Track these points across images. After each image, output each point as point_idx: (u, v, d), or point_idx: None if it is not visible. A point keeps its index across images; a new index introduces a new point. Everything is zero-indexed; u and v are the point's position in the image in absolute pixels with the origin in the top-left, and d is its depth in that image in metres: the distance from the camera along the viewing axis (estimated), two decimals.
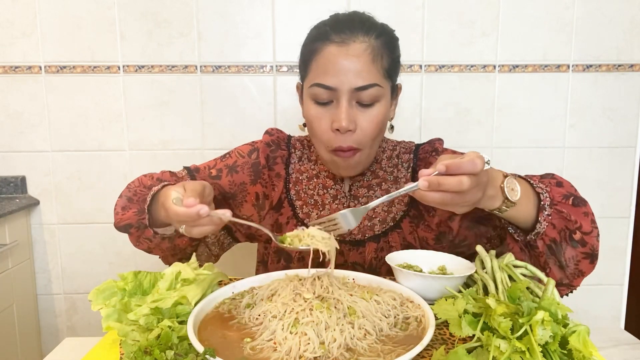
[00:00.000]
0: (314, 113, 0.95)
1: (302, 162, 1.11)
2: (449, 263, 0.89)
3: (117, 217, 0.95)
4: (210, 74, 1.69)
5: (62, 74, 1.67)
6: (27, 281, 1.73)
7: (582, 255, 0.84)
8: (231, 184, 1.06)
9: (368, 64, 0.91)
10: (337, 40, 0.91)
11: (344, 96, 0.91)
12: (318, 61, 0.93)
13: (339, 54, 0.91)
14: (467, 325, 0.62)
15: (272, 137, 1.12)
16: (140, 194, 0.96)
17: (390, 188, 1.07)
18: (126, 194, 0.97)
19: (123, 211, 0.95)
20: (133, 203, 0.95)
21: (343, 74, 0.90)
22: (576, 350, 0.58)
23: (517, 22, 1.67)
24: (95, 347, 0.73)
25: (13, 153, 1.71)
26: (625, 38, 1.68)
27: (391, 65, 0.96)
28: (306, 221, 1.07)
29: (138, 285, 0.77)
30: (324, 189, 1.08)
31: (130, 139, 1.71)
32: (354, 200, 1.07)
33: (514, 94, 1.71)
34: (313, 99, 0.95)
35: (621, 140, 1.74)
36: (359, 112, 0.93)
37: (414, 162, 1.09)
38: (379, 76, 0.92)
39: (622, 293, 1.83)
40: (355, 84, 0.90)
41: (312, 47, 0.96)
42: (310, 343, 0.61)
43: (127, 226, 0.93)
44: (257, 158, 1.08)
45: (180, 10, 1.65)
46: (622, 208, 1.78)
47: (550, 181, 0.88)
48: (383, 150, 1.10)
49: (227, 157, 1.09)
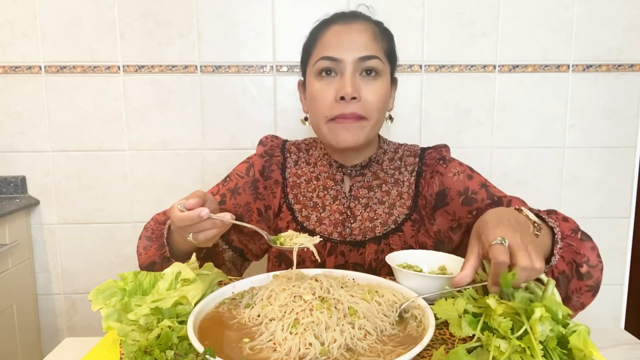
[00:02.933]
0: (318, 86, 0.99)
1: (298, 165, 1.11)
2: (449, 263, 0.89)
3: (141, 258, 0.98)
4: (210, 74, 1.69)
5: (62, 74, 1.67)
6: (27, 281, 1.73)
7: (586, 288, 0.86)
8: (236, 207, 1.07)
9: (370, 39, 0.97)
10: (340, 21, 0.98)
11: (349, 66, 0.95)
12: (322, 40, 0.99)
13: (343, 31, 0.97)
14: (467, 325, 0.62)
15: (265, 147, 1.13)
16: (157, 231, 0.99)
17: (391, 190, 1.06)
18: (144, 234, 1.00)
19: (145, 251, 0.98)
20: (152, 241, 0.98)
21: (347, 45, 0.96)
22: (576, 350, 0.58)
23: (517, 22, 1.67)
24: (95, 347, 0.73)
25: (13, 153, 1.71)
26: (625, 38, 1.68)
27: (390, 51, 1.01)
28: (305, 224, 1.06)
29: (138, 285, 0.77)
30: (324, 190, 1.08)
31: (130, 139, 1.71)
32: (354, 200, 1.06)
33: (514, 94, 1.71)
34: (318, 73, 0.98)
35: (621, 141, 1.74)
36: (363, 83, 0.97)
37: (419, 166, 1.08)
38: (380, 52, 0.98)
39: (622, 293, 1.83)
40: (359, 54, 0.95)
41: (315, 33, 1.01)
42: (310, 345, 0.61)
43: (152, 264, 0.96)
44: (253, 175, 1.10)
45: (180, 10, 1.65)
46: (622, 208, 1.78)
47: (557, 216, 0.90)
48: (385, 152, 1.10)
49: (228, 181, 1.10)
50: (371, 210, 1.05)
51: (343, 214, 1.06)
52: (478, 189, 1.02)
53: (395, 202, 1.05)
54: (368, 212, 1.05)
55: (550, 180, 1.76)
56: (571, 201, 1.77)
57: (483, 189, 1.02)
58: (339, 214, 1.06)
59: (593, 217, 1.78)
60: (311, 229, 1.06)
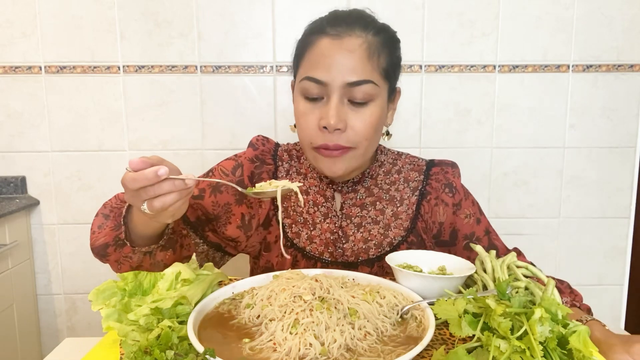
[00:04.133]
0: (302, 109, 0.90)
1: (290, 175, 1.03)
2: (448, 263, 0.88)
3: (93, 237, 0.85)
4: (210, 74, 1.69)
5: (62, 74, 1.67)
6: (27, 281, 1.73)
7: None
8: (214, 205, 0.97)
9: (362, 60, 0.86)
10: (331, 33, 0.87)
11: (335, 92, 0.86)
12: (310, 54, 0.89)
13: (332, 47, 0.86)
14: (467, 325, 0.62)
15: (256, 151, 1.04)
16: (117, 209, 0.85)
17: (386, 208, 0.99)
18: (102, 211, 0.87)
19: (99, 230, 0.85)
20: (109, 220, 0.85)
21: (335, 68, 0.85)
22: (576, 350, 0.58)
23: (517, 22, 1.67)
24: (95, 347, 0.73)
25: (13, 153, 1.71)
26: (625, 38, 1.68)
27: (389, 65, 0.91)
28: (296, 241, 0.99)
29: (138, 285, 0.77)
30: (315, 207, 1.00)
31: (130, 139, 1.71)
32: (346, 219, 0.99)
33: (514, 94, 1.71)
34: (303, 93, 0.90)
35: (621, 141, 1.74)
36: (350, 111, 0.88)
37: (423, 185, 1.00)
38: (374, 74, 0.88)
39: (622, 293, 1.83)
40: (347, 79, 0.85)
41: (305, 41, 0.91)
42: (310, 345, 0.61)
43: (104, 246, 0.83)
44: (241, 176, 1.00)
45: (180, 10, 1.65)
46: (622, 208, 1.78)
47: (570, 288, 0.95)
48: (380, 165, 1.02)
49: (210, 176, 1.00)
50: (365, 230, 0.99)
51: (335, 233, 0.99)
52: (482, 235, 1.00)
53: (390, 222, 0.99)
54: (362, 233, 0.99)
55: (550, 180, 1.76)
56: (571, 201, 1.77)
57: (486, 236, 1.00)
58: (330, 233, 0.99)
59: (593, 217, 1.78)
60: (301, 247, 1.00)
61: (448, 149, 1.73)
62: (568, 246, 1.80)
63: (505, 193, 1.77)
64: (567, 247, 1.80)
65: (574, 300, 0.92)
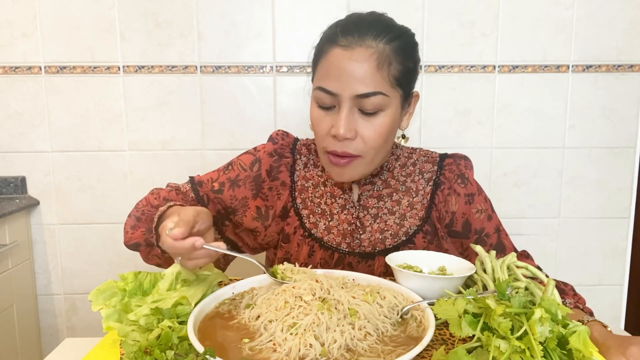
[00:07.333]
0: (316, 115, 0.94)
1: (307, 168, 1.07)
2: (448, 263, 0.89)
3: (127, 236, 0.96)
4: (210, 74, 1.69)
5: (62, 74, 1.67)
6: (27, 281, 1.73)
7: None
8: (232, 199, 1.03)
9: (372, 71, 0.87)
10: (343, 44, 0.88)
11: (345, 103, 0.88)
12: (323, 64, 0.91)
13: (343, 58, 0.88)
14: (467, 325, 0.62)
15: (275, 145, 1.07)
16: (148, 213, 0.95)
17: (402, 199, 1.02)
18: (134, 213, 0.97)
19: (132, 230, 0.95)
20: (141, 222, 0.95)
21: (345, 79, 0.87)
22: (576, 351, 0.58)
23: (517, 23, 1.67)
24: (95, 348, 0.73)
25: (13, 153, 1.71)
26: (625, 38, 1.68)
27: (403, 72, 0.91)
28: (313, 232, 1.03)
29: (138, 285, 0.77)
30: (332, 198, 1.04)
31: (130, 139, 1.71)
32: (363, 210, 1.02)
33: (514, 94, 1.71)
34: (316, 101, 0.94)
35: (621, 141, 1.74)
36: (361, 120, 0.90)
37: (437, 175, 1.03)
38: (384, 84, 0.88)
39: (622, 293, 1.83)
40: (356, 91, 0.87)
41: (320, 48, 0.94)
42: (310, 346, 0.61)
43: (136, 245, 0.94)
44: (258, 170, 1.04)
45: (180, 11, 1.65)
46: (622, 208, 1.78)
47: (574, 291, 0.97)
48: (397, 158, 1.06)
49: (229, 170, 1.05)
50: (381, 221, 1.02)
51: (352, 224, 1.03)
52: (492, 232, 1.01)
53: (406, 212, 1.02)
54: (378, 223, 1.02)
55: (550, 180, 1.76)
56: (571, 201, 1.77)
57: (496, 234, 1.02)
58: (347, 224, 1.03)
59: (593, 217, 1.79)
60: (319, 237, 1.03)
61: (448, 149, 1.71)
62: (568, 246, 1.80)
63: (505, 193, 1.77)
64: (567, 248, 1.80)
65: (577, 302, 0.93)
